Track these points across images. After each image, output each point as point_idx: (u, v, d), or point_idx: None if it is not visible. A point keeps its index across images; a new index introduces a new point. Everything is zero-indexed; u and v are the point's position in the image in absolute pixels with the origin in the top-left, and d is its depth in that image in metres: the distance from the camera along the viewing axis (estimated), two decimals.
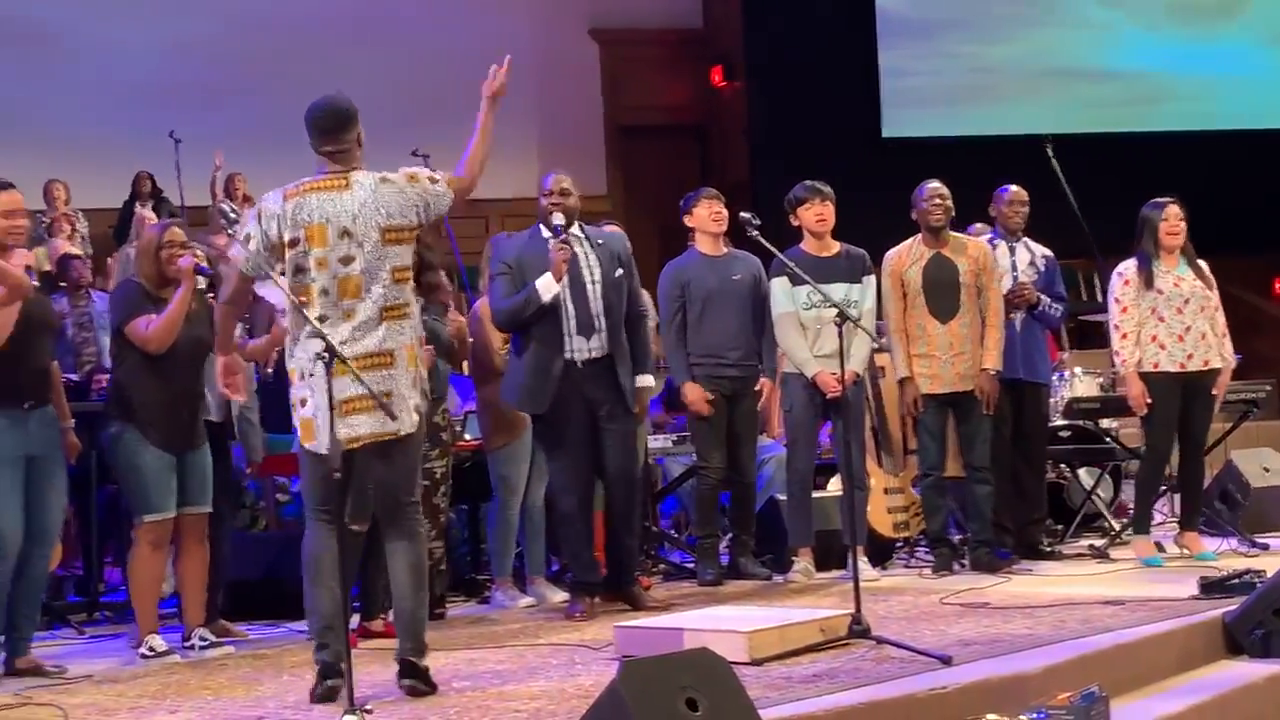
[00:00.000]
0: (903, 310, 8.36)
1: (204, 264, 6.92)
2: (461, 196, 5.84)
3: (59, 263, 11.32)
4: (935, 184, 8.40)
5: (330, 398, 5.34)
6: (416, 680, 5.61)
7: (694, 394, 8.23)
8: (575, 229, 7.57)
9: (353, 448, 5.52)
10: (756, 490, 8.71)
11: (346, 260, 5.61)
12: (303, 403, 5.62)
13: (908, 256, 8.40)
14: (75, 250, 11.92)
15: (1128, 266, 8.48)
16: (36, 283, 6.64)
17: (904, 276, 8.35)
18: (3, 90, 15.23)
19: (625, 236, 7.75)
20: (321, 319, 5.51)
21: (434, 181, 5.78)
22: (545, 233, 7.54)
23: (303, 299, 5.58)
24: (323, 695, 5.53)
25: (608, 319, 7.48)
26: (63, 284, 10.62)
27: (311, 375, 5.51)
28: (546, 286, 7.34)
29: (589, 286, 7.48)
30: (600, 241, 7.64)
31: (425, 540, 5.90)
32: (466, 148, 5.86)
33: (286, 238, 5.61)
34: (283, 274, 5.61)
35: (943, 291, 8.31)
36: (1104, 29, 17.59)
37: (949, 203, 8.39)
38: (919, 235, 8.43)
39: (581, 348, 7.43)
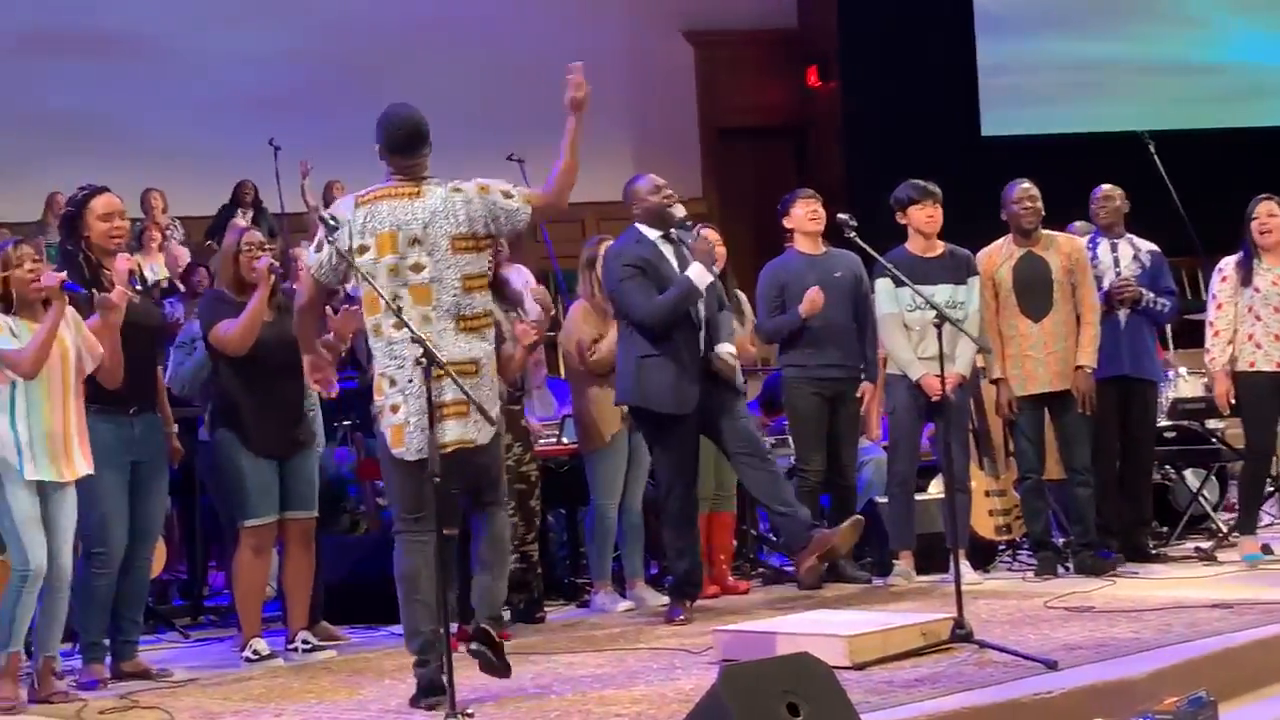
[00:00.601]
0: (994, 310, 8.27)
1: (276, 264, 6.97)
2: (547, 213, 5.83)
3: (185, 270, 11.68)
4: (1025, 184, 8.29)
5: (430, 403, 5.34)
6: (487, 647, 5.58)
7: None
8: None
9: (447, 452, 5.53)
10: (857, 493, 8.66)
11: (417, 268, 5.63)
12: (394, 409, 5.62)
13: (998, 256, 8.31)
14: (139, 260, 12.14)
15: (1228, 263, 8.37)
16: (139, 287, 6.69)
17: (995, 276, 8.26)
18: (104, 101, 15.47)
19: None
20: (396, 326, 5.53)
21: (508, 196, 5.74)
22: (649, 233, 7.45)
23: (372, 306, 5.61)
24: (428, 709, 5.50)
25: (711, 319, 7.45)
26: (180, 290, 10.85)
27: (410, 382, 5.52)
28: (700, 276, 7.27)
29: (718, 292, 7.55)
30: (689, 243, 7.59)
31: (506, 522, 5.94)
32: (555, 164, 5.79)
33: (356, 244, 5.63)
34: (362, 278, 5.60)
35: (1035, 290, 8.21)
36: (1205, 23, 17.38)
37: (1039, 203, 8.28)
38: (1010, 235, 8.34)
39: (701, 345, 7.39)
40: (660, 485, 7.58)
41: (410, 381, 5.53)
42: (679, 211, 7.42)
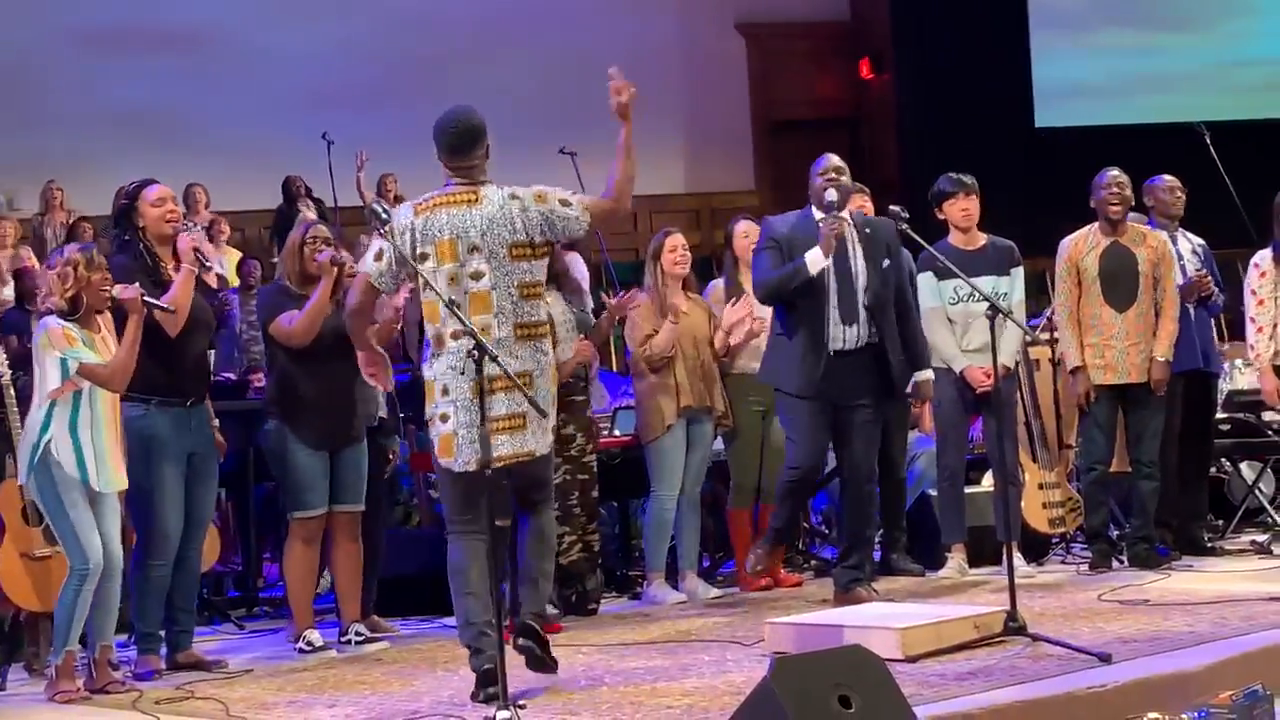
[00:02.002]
0: (1077, 298, 8.21)
1: (340, 255, 7.01)
2: (606, 220, 5.81)
3: (239, 264, 11.87)
4: (1115, 172, 8.22)
5: (483, 414, 5.33)
6: (533, 641, 5.63)
7: None
8: (845, 214, 7.42)
9: (495, 467, 5.48)
10: (908, 486, 8.64)
11: (476, 276, 5.61)
12: (444, 419, 5.63)
13: (1084, 244, 8.24)
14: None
15: (1263, 257, 8.31)
16: (208, 263, 6.72)
17: (1080, 264, 8.20)
18: (158, 94, 15.59)
19: (893, 224, 7.66)
20: (454, 335, 5.52)
21: (565, 204, 5.70)
22: (817, 213, 7.39)
23: (432, 314, 5.61)
24: (485, 700, 5.47)
25: (873, 309, 7.32)
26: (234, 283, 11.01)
27: (463, 392, 5.52)
28: (814, 260, 7.19)
29: (855, 276, 7.32)
30: (869, 230, 7.46)
31: (553, 519, 5.97)
32: (611, 170, 5.73)
33: (418, 252, 5.61)
34: (425, 284, 5.61)
35: (1120, 280, 8.15)
36: (1260, 12, 17.24)
37: (1127, 191, 8.22)
38: (1095, 223, 8.27)
39: (839, 336, 7.28)
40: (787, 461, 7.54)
41: (463, 392, 5.53)
42: (829, 195, 7.27)
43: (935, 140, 15.52)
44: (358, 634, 6.97)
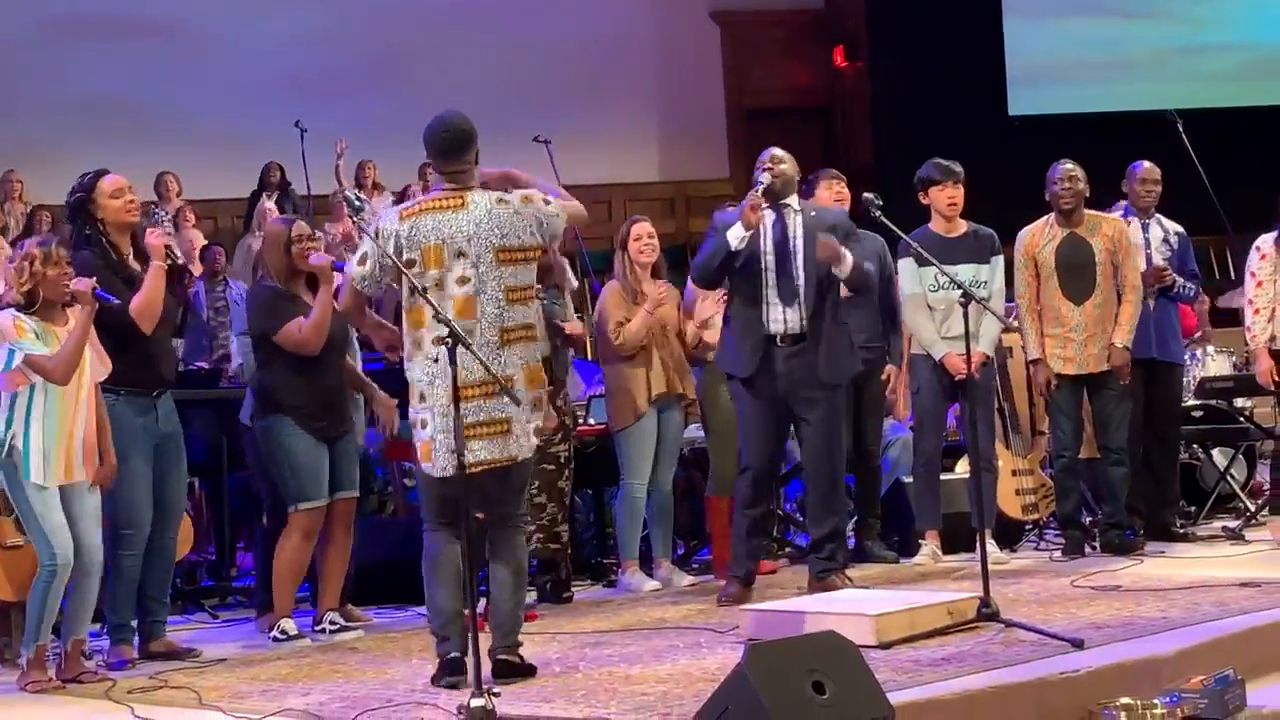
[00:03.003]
0: (1035, 290, 8.24)
1: (340, 260, 7.03)
2: (575, 223, 5.96)
3: (202, 252, 11.82)
4: (1068, 165, 8.25)
5: (455, 421, 5.35)
6: (513, 678, 5.61)
7: None
8: (793, 202, 7.38)
9: (472, 472, 5.51)
10: (882, 473, 8.66)
11: (462, 281, 5.63)
12: (422, 425, 5.66)
13: (1041, 236, 8.27)
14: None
15: (1266, 240, 8.34)
16: (180, 259, 6.71)
17: (1037, 256, 8.23)
18: (130, 83, 15.54)
19: (844, 212, 7.56)
20: (438, 340, 5.46)
21: (547, 203, 5.80)
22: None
23: (417, 320, 5.63)
24: (447, 686, 5.53)
25: (810, 294, 7.25)
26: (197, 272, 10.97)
27: (439, 399, 5.53)
28: (733, 234, 7.14)
29: (793, 257, 7.27)
30: (814, 214, 7.42)
31: (525, 546, 5.97)
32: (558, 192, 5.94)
33: (405, 258, 5.63)
34: (411, 289, 5.62)
35: (1077, 272, 8.18)
36: (1230, 1, 17.30)
37: (1080, 185, 8.23)
38: (1052, 215, 8.31)
39: (778, 319, 7.23)
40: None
41: (439, 398, 5.54)
42: (762, 179, 7.22)
43: (909, 128, 15.53)
44: (331, 622, 6.96)
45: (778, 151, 7.45)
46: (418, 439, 5.69)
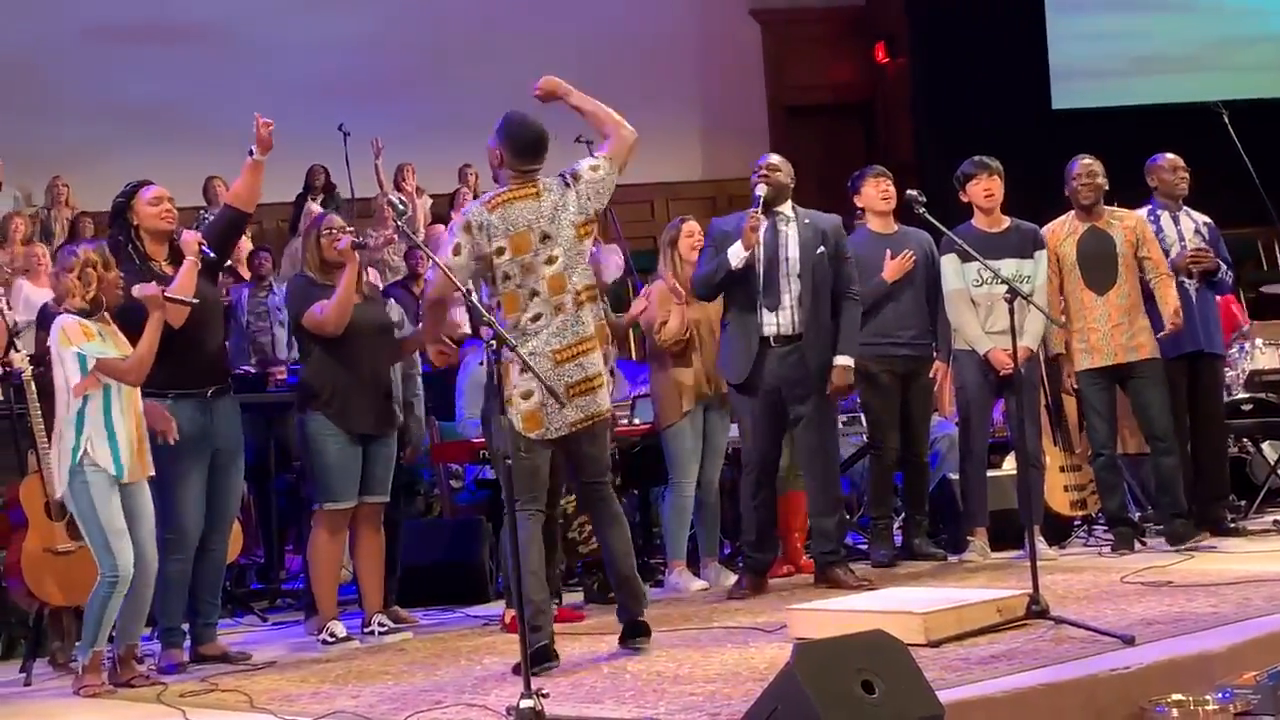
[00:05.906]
0: (1058, 285, 8.23)
1: (359, 239, 7.12)
2: (627, 154, 6.18)
3: (249, 257, 11.85)
4: (1087, 160, 8.28)
5: (552, 384, 5.75)
6: (645, 638, 6.04)
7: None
8: (787, 208, 7.54)
9: (575, 430, 5.96)
10: (930, 470, 8.64)
11: (550, 260, 6.01)
12: (525, 396, 5.92)
13: (1062, 231, 8.29)
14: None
15: None
16: (211, 254, 6.70)
17: (1059, 251, 8.24)
18: (174, 89, 15.63)
19: (838, 219, 7.70)
20: (536, 317, 5.94)
21: (595, 169, 6.15)
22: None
23: (511, 304, 5.96)
24: (537, 674, 5.45)
25: (803, 297, 7.42)
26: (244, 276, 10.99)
27: (541, 366, 5.84)
28: (734, 253, 7.34)
29: (784, 263, 7.44)
30: (807, 220, 7.57)
31: (614, 495, 6.26)
32: (593, 123, 6.25)
33: (494, 246, 5.96)
34: (504, 276, 5.96)
35: (1099, 264, 8.19)
36: None
37: (1099, 179, 8.25)
38: (1072, 210, 8.30)
39: (771, 323, 7.42)
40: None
41: (543, 366, 5.86)
42: (759, 190, 7.45)
43: (951, 123, 15.49)
44: (380, 625, 6.98)
45: (774, 159, 7.66)
46: (521, 410, 5.91)
